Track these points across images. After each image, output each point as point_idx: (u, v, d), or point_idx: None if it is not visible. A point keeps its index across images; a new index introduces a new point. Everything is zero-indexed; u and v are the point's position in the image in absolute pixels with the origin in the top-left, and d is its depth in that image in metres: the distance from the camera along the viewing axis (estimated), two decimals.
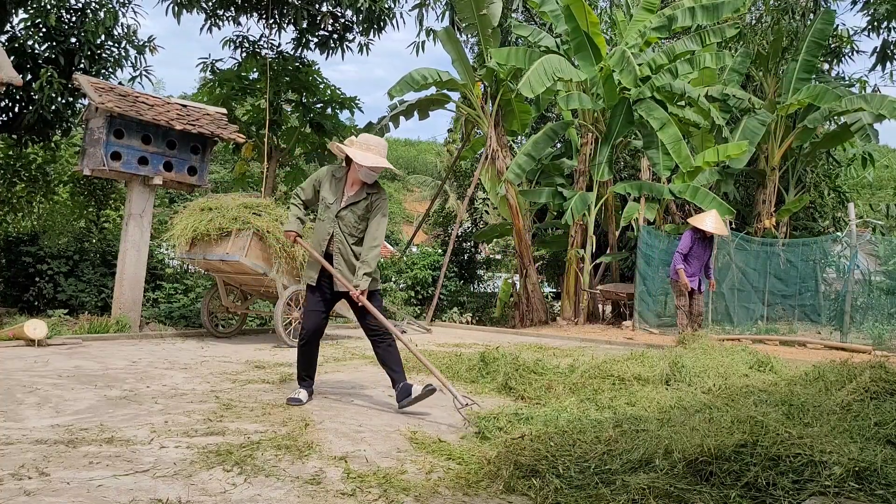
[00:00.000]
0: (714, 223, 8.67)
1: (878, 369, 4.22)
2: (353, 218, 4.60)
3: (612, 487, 2.71)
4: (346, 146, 4.61)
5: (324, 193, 4.66)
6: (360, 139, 4.66)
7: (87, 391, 4.69)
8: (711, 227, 8.61)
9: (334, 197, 4.63)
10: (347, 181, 4.66)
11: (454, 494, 2.85)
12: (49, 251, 9.85)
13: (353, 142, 4.66)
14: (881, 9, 13.88)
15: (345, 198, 4.62)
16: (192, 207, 8.04)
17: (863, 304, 11.17)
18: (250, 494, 2.75)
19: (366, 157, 4.52)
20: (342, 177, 4.68)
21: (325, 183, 4.70)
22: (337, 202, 4.61)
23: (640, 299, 12.47)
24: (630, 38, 13.30)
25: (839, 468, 2.59)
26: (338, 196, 4.63)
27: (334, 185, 4.67)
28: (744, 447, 2.77)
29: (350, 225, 4.59)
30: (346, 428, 3.96)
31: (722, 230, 8.88)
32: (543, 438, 3.32)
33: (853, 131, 14.11)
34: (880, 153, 16.38)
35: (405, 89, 13.05)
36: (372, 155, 4.55)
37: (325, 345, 8.19)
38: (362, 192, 4.63)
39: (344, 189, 4.65)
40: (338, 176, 4.69)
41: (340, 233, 4.58)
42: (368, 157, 4.52)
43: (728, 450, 2.75)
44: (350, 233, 4.60)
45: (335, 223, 4.58)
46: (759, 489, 2.59)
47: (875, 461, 2.66)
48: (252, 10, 12.37)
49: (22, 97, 9.91)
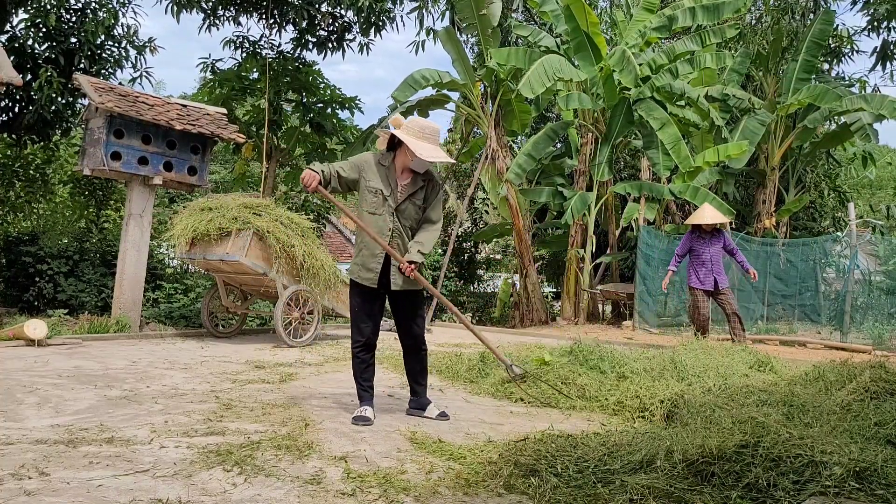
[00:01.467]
0: (709, 214, 8.23)
1: (878, 369, 4.21)
2: (413, 210, 4.15)
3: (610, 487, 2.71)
4: (399, 132, 4.08)
5: (373, 183, 4.11)
6: (412, 123, 4.12)
7: (87, 391, 4.69)
8: (705, 218, 8.18)
9: (389, 188, 4.10)
10: (396, 169, 4.16)
11: (454, 494, 2.85)
12: (49, 251, 9.86)
13: (400, 123, 4.14)
14: (881, 9, 13.88)
15: (400, 188, 4.13)
16: (192, 207, 8.04)
17: (863, 304, 11.18)
18: (250, 494, 2.74)
19: (423, 147, 4.00)
20: (389, 164, 4.16)
21: (370, 170, 4.14)
22: (393, 195, 4.10)
23: (640, 299, 12.47)
24: (630, 38, 13.30)
25: (839, 468, 2.59)
26: (392, 187, 4.11)
27: (383, 173, 4.12)
28: (745, 448, 2.77)
29: (411, 218, 4.16)
30: (346, 428, 3.96)
31: (718, 218, 8.34)
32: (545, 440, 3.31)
33: (853, 131, 14.10)
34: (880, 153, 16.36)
35: (408, 92, 13.06)
36: (429, 145, 4.04)
37: (324, 345, 8.20)
38: (417, 181, 4.15)
39: (397, 179, 4.14)
40: (384, 164, 4.15)
41: (401, 227, 4.12)
42: (426, 149, 4.01)
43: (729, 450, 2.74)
44: (411, 226, 4.16)
45: (394, 217, 4.10)
46: (759, 490, 2.59)
47: (875, 461, 2.66)
48: (252, 10, 12.37)
49: (22, 97, 9.91)
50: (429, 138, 4.06)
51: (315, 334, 8.21)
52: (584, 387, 4.94)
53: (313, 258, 7.95)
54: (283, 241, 7.68)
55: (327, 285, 8.21)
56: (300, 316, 7.95)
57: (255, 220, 7.64)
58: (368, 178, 4.12)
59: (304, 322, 8.03)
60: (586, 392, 4.89)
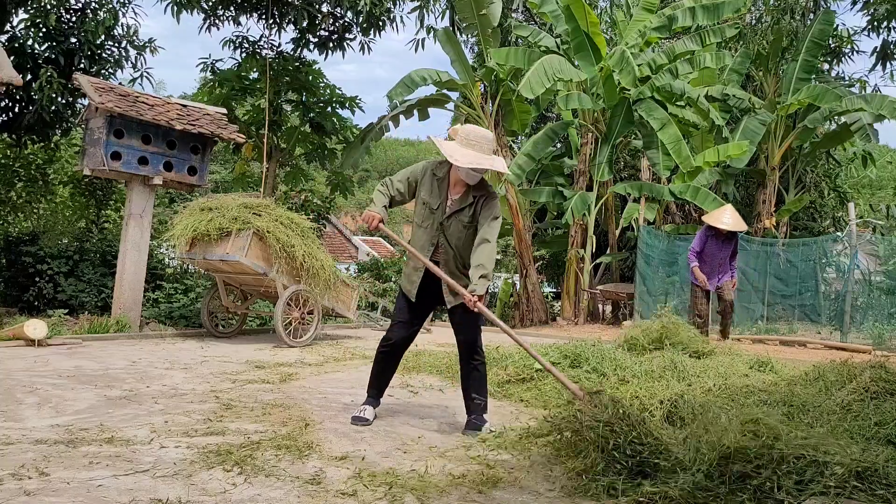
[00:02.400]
0: (729, 219, 8.10)
1: (878, 369, 4.21)
2: (458, 227, 3.93)
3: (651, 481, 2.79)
4: (438, 139, 3.95)
5: (424, 196, 3.97)
6: (463, 131, 3.93)
7: (87, 391, 4.69)
8: (724, 223, 8.03)
9: (437, 201, 3.94)
10: (450, 181, 3.97)
11: (456, 494, 2.85)
12: (49, 251, 9.85)
13: (456, 132, 3.99)
14: (881, 9, 13.89)
15: (449, 203, 3.94)
16: (192, 207, 8.04)
17: (863, 304, 11.17)
18: (250, 494, 2.74)
19: (465, 154, 3.80)
20: (444, 176, 3.97)
21: (424, 182, 3.99)
22: (441, 209, 3.93)
23: (640, 299, 12.47)
24: (630, 38, 13.31)
25: (840, 468, 2.58)
26: (441, 201, 3.94)
27: (436, 185, 3.97)
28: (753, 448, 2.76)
29: (455, 235, 3.94)
30: (346, 428, 3.96)
31: (738, 226, 8.23)
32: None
33: (853, 131, 14.11)
34: (880, 153, 16.39)
35: (405, 91, 13.06)
36: (472, 152, 3.82)
37: (324, 345, 8.19)
38: (468, 196, 3.93)
39: (447, 192, 3.96)
40: (439, 175, 3.98)
41: (446, 243, 3.95)
42: (467, 155, 3.80)
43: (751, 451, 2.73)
44: (455, 244, 3.95)
45: (439, 232, 3.94)
46: (763, 491, 2.59)
47: (876, 462, 2.66)
48: (252, 10, 12.37)
49: (22, 97, 9.91)
50: (474, 145, 3.85)
51: (315, 334, 8.20)
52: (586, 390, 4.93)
53: (313, 258, 7.94)
54: (283, 241, 7.67)
55: (327, 285, 8.20)
56: (300, 316, 7.95)
57: (255, 220, 7.64)
58: (421, 189, 4.00)
59: (304, 322, 8.03)
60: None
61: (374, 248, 28.60)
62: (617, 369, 5.41)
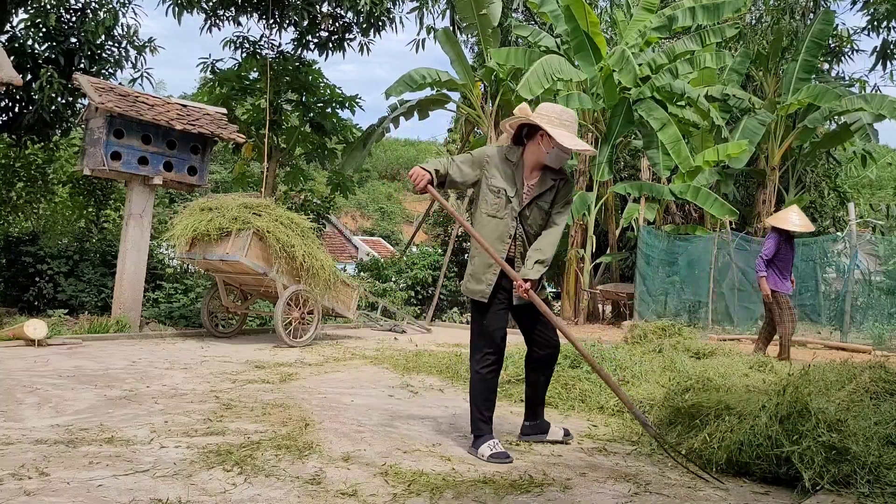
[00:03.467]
0: (798, 220, 7.51)
1: (878, 369, 4.21)
2: (539, 215, 3.62)
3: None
4: (536, 119, 3.55)
5: (496, 182, 3.57)
6: (547, 111, 3.59)
7: (87, 391, 4.69)
8: (794, 224, 7.45)
9: (514, 188, 3.57)
10: (525, 166, 3.63)
11: (457, 494, 2.85)
12: (49, 251, 9.85)
13: (527, 113, 3.61)
14: (881, 8, 13.89)
15: (526, 189, 3.60)
16: (192, 207, 8.04)
17: (863, 304, 11.18)
18: (250, 494, 2.74)
19: (564, 136, 3.49)
20: (518, 160, 3.62)
21: (494, 167, 3.60)
22: (518, 196, 3.57)
23: (640, 299, 12.47)
24: (630, 38, 13.31)
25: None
26: (518, 187, 3.58)
27: (509, 170, 3.60)
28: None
29: (536, 223, 3.62)
30: (346, 428, 3.96)
31: (807, 226, 7.64)
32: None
33: (853, 131, 14.12)
34: (880, 153, 16.40)
35: (403, 89, 13.06)
36: (568, 133, 3.53)
37: (324, 345, 8.20)
38: (546, 180, 3.61)
39: (523, 178, 3.61)
40: (512, 159, 3.62)
41: (524, 234, 3.59)
42: (567, 138, 3.50)
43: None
44: (536, 232, 3.62)
45: (517, 222, 3.57)
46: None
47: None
48: (252, 11, 12.37)
49: (22, 97, 9.91)
50: (566, 125, 3.54)
51: (315, 334, 8.20)
52: (586, 392, 4.95)
53: (313, 258, 7.94)
54: (283, 241, 7.67)
55: (327, 285, 8.20)
56: (300, 316, 7.95)
57: (255, 220, 7.64)
58: (491, 174, 3.59)
59: (304, 322, 8.03)
60: (588, 397, 4.89)
61: (374, 248, 28.60)
62: (617, 369, 5.41)
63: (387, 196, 47.30)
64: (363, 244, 29.41)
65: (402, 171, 49.51)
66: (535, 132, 3.59)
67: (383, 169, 50.10)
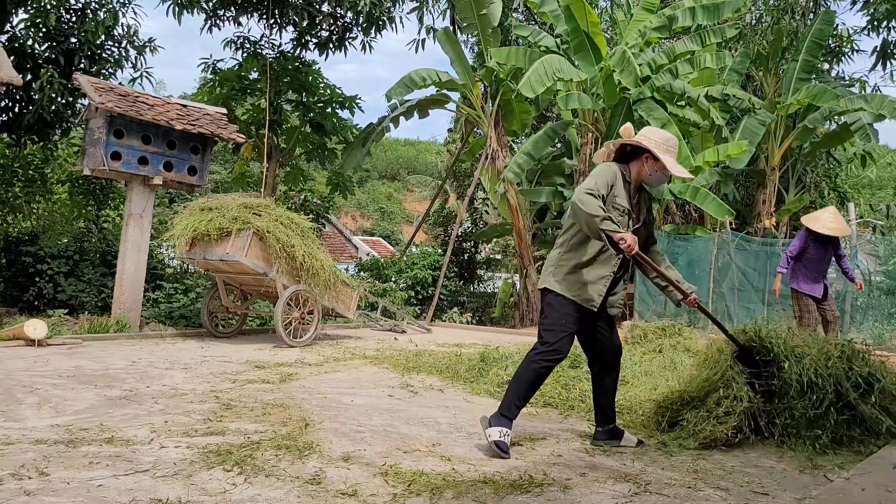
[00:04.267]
0: (832, 222, 7.15)
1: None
2: (643, 229, 3.84)
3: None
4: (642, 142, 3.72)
5: (621, 200, 3.67)
6: (655, 135, 3.76)
7: (87, 391, 4.69)
8: (827, 227, 7.08)
9: (628, 206, 3.71)
10: (633, 184, 3.78)
11: (457, 494, 2.85)
12: (49, 251, 9.85)
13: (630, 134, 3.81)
14: (881, 8, 13.88)
15: (639, 210, 3.82)
16: (192, 207, 8.04)
17: (863, 304, 11.18)
18: (250, 494, 2.74)
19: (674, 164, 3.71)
20: (630, 179, 3.76)
21: (618, 186, 3.69)
22: (632, 214, 3.74)
23: (640, 299, 12.47)
24: (630, 38, 13.30)
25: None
26: (632, 205, 3.74)
27: (628, 190, 3.73)
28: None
29: (642, 237, 3.81)
30: (346, 428, 3.96)
31: (842, 230, 7.30)
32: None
33: (853, 131, 14.11)
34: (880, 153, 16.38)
35: (403, 91, 13.06)
36: (673, 160, 3.71)
37: (324, 345, 8.20)
38: (643, 199, 3.86)
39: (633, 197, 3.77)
40: (627, 178, 3.74)
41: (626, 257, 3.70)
42: (676, 165, 3.72)
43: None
44: (643, 247, 3.79)
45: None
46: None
47: None
48: (252, 11, 12.37)
49: (22, 97, 9.91)
50: (671, 152, 3.73)
51: (315, 334, 8.20)
52: (586, 392, 4.94)
53: (313, 258, 7.94)
54: (283, 241, 7.67)
55: (327, 285, 8.20)
56: (300, 316, 7.95)
57: (255, 220, 7.64)
58: (616, 193, 3.67)
59: (304, 322, 8.03)
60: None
61: (374, 248, 28.61)
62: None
63: (387, 196, 47.28)
64: (363, 244, 29.40)
65: (401, 171, 49.53)
66: (639, 153, 3.76)
67: (383, 169, 50.08)
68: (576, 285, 3.67)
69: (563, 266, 3.73)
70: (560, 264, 3.75)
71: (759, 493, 3.08)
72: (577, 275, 3.68)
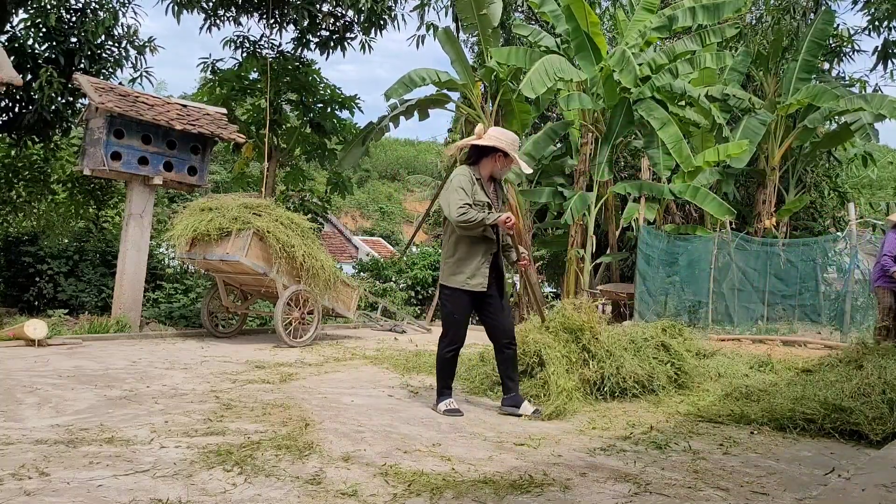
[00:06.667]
0: None
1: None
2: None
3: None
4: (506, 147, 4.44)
5: (481, 197, 4.43)
6: (501, 135, 4.52)
7: (87, 391, 4.69)
8: None
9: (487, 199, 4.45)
10: (483, 179, 4.49)
11: (457, 494, 2.85)
12: (49, 251, 9.85)
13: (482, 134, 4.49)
14: (881, 8, 13.88)
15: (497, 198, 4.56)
16: (192, 207, 8.04)
17: (863, 304, 11.17)
18: (250, 494, 2.74)
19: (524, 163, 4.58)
20: (480, 177, 4.48)
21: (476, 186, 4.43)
22: (494, 205, 4.49)
23: (640, 299, 12.47)
24: (630, 38, 13.30)
25: None
26: (491, 198, 4.49)
27: (479, 187, 4.45)
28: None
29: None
30: (346, 428, 3.95)
31: None
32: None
33: (853, 131, 14.10)
34: (880, 153, 16.38)
35: (403, 91, 13.05)
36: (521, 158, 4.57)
37: (324, 345, 8.20)
38: (498, 189, 4.62)
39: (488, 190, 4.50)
40: (477, 176, 4.47)
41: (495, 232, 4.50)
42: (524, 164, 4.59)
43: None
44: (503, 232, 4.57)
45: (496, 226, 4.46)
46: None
47: None
48: (252, 10, 12.36)
49: (22, 97, 9.91)
50: (517, 149, 4.52)
51: (315, 334, 8.20)
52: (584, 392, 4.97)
53: (313, 258, 7.94)
54: (283, 241, 7.67)
55: (327, 285, 8.20)
56: (300, 316, 7.95)
57: (255, 220, 7.63)
58: (476, 193, 4.40)
59: (304, 322, 8.03)
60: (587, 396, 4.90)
61: (374, 248, 28.60)
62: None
63: (387, 196, 47.28)
64: (363, 244, 29.40)
65: (401, 171, 49.52)
66: (492, 152, 4.46)
67: (383, 169, 50.07)
68: (463, 275, 4.41)
69: (451, 264, 4.48)
70: (447, 262, 4.51)
71: (759, 493, 3.08)
72: (462, 267, 4.42)
